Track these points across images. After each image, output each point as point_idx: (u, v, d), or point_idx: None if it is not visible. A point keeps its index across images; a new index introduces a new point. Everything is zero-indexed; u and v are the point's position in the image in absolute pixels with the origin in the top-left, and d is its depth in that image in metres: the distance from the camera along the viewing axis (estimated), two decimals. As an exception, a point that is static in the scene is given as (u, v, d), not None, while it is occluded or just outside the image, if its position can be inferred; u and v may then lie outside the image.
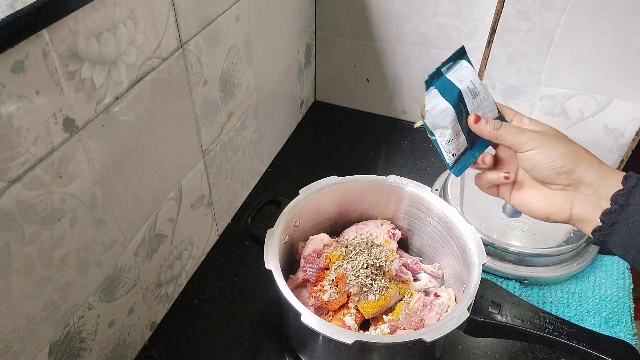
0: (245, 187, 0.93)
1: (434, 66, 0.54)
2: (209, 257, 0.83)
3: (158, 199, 0.65)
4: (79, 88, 0.47)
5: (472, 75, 0.54)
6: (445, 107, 0.53)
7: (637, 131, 0.89)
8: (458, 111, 0.53)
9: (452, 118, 0.53)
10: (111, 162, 0.54)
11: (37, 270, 0.47)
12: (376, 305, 0.65)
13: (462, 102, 0.53)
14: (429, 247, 0.76)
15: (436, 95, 0.53)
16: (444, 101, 0.53)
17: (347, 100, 1.15)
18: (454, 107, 0.53)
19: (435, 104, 0.53)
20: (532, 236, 0.80)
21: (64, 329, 0.54)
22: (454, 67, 0.55)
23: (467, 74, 0.54)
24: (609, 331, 0.72)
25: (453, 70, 0.54)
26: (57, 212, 0.48)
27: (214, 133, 0.75)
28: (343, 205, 0.76)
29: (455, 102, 0.53)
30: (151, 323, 0.72)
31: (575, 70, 0.87)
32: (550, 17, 0.84)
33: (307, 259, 0.69)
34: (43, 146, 0.45)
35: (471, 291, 0.59)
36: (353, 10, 0.99)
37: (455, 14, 0.92)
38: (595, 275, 0.80)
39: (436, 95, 0.53)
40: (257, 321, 0.75)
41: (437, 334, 0.55)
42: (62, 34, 0.43)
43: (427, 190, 0.72)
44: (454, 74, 0.54)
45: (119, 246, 0.59)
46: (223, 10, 0.68)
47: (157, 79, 0.58)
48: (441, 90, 0.53)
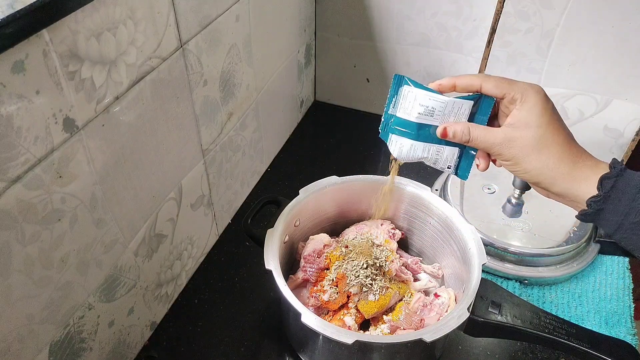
0: (245, 187, 0.93)
1: (434, 66, 0.54)
2: (209, 257, 0.83)
3: (158, 198, 0.65)
4: (79, 88, 0.47)
5: (418, 97, 0.51)
6: (409, 144, 0.53)
7: (637, 131, 0.89)
8: (425, 136, 0.53)
9: (422, 147, 0.53)
10: (111, 162, 0.54)
11: (37, 270, 0.47)
12: (376, 305, 0.65)
13: (424, 127, 0.52)
14: (429, 247, 0.76)
15: (396, 139, 0.54)
16: (406, 140, 0.53)
17: (347, 100, 1.16)
18: (417, 139, 0.53)
19: (400, 146, 0.54)
20: (532, 236, 0.80)
21: (64, 329, 0.54)
22: (399, 100, 0.53)
23: (412, 99, 0.52)
24: (609, 331, 0.72)
25: (400, 105, 0.53)
26: (57, 212, 0.48)
27: (214, 133, 0.75)
28: (343, 205, 0.76)
29: (416, 135, 0.53)
30: (151, 323, 0.72)
31: (575, 70, 0.87)
32: (550, 17, 0.84)
33: (307, 259, 0.69)
34: (43, 146, 0.45)
35: (471, 291, 0.59)
36: (353, 10, 0.99)
37: (455, 14, 0.92)
38: (595, 275, 0.80)
39: (396, 139, 0.54)
40: (257, 321, 0.75)
41: (437, 334, 0.55)
42: (62, 34, 0.43)
43: (427, 190, 0.72)
44: (402, 108, 0.52)
45: (119, 246, 0.59)
46: (223, 10, 0.68)
47: (157, 79, 0.58)
48: (398, 132, 0.53)
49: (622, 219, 0.45)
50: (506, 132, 0.49)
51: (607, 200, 0.45)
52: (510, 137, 0.49)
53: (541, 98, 0.49)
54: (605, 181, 0.46)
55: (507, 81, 0.50)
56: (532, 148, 0.48)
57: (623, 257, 0.82)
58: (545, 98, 0.49)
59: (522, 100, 0.49)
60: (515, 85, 0.49)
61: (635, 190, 0.45)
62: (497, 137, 0.50)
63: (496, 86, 0.50)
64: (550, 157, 0.48)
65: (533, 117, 0.48)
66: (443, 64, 0.99)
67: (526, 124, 0.48)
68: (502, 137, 0.49)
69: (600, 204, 0.46)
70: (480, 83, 0.51)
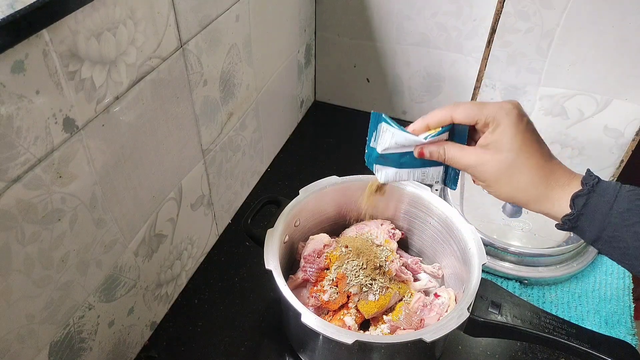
0: (245, 187, 0.93)
1: (434, 66, 0.54)
2: (209, 257, 0.83)
3: (158, 198, 0.65)
4: (79, 88, 0.47)
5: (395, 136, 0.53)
6: (394, 172, 0.56)
7: (637, 131, 0.89)
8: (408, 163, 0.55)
9: (407, 172, 0.56)
10: (111, 162, 0.54)
11: (37, 270, 0.47)
12: (376, 305, 0.65)
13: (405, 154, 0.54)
14: (429, 247, 0.76)
15: (380, 168, 0.57)
16: (390, 169, 0.56)
17: (347, 100, 1.15)
18: (401, 167, 0.55)
19: (385, 174, 0.56)
20: (532, 236, 0.80)
21: (64, 329, 0.54)
22: (379, 135, 0.55)
23: (390, 136, 0.54)
24: (609, 331, 0.72)
25: (379, 139, 0.55)
26: (57, 212, 0.48)
27: (214, 133, 0.75)
28: (343, 205, 0.76)
29: (399, 163, 0.55)
30: (151, 323, 0.72)
31: (575, 70, 0.87)
32: (550, 17, 0.84)
33: (307, 259, 0.69)
34: (43, 146, 0.45)
35: (471, 291, 0.59)
36: (353, 10, 0.99)
37: (455, 14, 0.92)
38: (595, 275, 0.80)
39: (380, 168, 0.57)
40: (257, 321, 0.75)
41: (437, 334, 0.55)
42: (62, 34, 0.43)
43: (427, 190, 0.72)
44: (382, 143, 0.55)
45: (119, 246, 0.59)
46: (223, 10, 0.68)
47: (157, 79, 0.58)
48: (381, 163, 0.56)
49: (599, 233, 0.45)
50: (478, 154, 0.49)
51: (581, 218, 0.46)
52: (482, 160, 0.49)
53: (513, 120, 0.47)
54: (577, 199, 0.46)
55: (477, 107, 0.49)
56: (502, 173, 0.48)
57: (623, 257, 0.82)
58: (517, 119, 0.48)
59: (493, 124, 0.48)
60: (486, 109, 0.49)
61: (608, 206, 0.44)
62: (470, 159, 0.50)
63: (466, 115, 0.50)
64: (522, 181, 0.48)
65: (504, 141, 0.47)
66: (443, 64, 0.99)
67: (497, 148, 0.48)
68: (474, 159, 0.49)
69: (574, 222, 0.46)
70: (451, 115, 0.51)
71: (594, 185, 0.46)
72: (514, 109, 0.48)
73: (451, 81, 1.01)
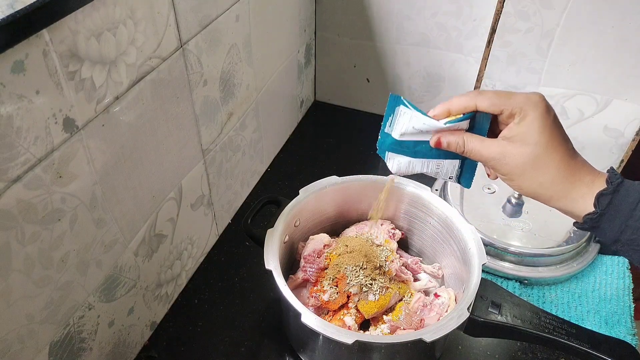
0: (245, 187, 0.93)
1: (434, 66, 0.53)
2: (209, 257, 0.83)
3: (158, 198, 0.65)
4: (79, 88, 0.47)
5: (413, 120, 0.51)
6: (407, 161, 0.53)
7: (637, 131, 0.89)
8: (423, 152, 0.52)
9: (421, 163, 0.53)
10: (111, 162, 0.54)
11: (37, 270, 0.47)
12: (376, 305, 0.65)
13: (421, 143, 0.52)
14: (429, 247, 0.76)
15: (393, 156, 0.54)
16: (403, 157, 0.53)
17: (347, 100, 1.15)
18: (415, 156, 0.53)
19: (397, 163, 0.54)
20: (532, 236, 0.80)
21: (64, 329, 0.54)
22: (395, 119, 0.53)
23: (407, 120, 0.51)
24: (609, 331, 0.72)
25: (395, 124, 0.52)
26: (57, 212, 0.48)
27: (214, 133, 0.75)
28: (343, 205, 0.76)
29: (413, 152, 0.52)
30: (151, 323, 0.72)
31: (575, 70, 0.87)
32: (550, 17, 0.84)
33: (307, 259, 0.69)
34: (43, 146, 0.45)
35: (471, 291, 0.59)
36: (353, 10, 0.99)
37: (455, 14, 0.92)
38: (595, 275, 0.80)
39: (393, 156, 0.54)
40: (257, 321, 0.75)
41: (437, 334, 0.55)
42: (62, 34, 0.43)
43: (427, 190, 0.72)
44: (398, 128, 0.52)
45: (119, 246, 0.59)
46: (223, 10, 0.68)
47: (157, 79, 0.58)
48: (395, 150, 0.53)
49: (618, 234, 0.45)
50: (502, 145, 0.47)
51: (603, 217, 0.45)
52: (506, 152, 0.47)
53: (541, 112, 0.46)
54: (602, 198, 0.45)
55: (503, 96, 0.47)
56: (527, 166, 0.46)
57: (623, 257, 0.82)
58: (545, 112, 0.46)
59: (520, 114, 0.46)
60: (513, 99, 0.47)
61: (631, 207, 0.44)
62: (493, 150, 0.48)
63: (492, 104, 0.47)
64: (546, 176, 0.46)
65: (531, 133, 0.46)
66: (443, 64, 0.99)
67: (523, 141, 0.46)
68: (498, 151, 0.47)
69: (596, 221, 0.45)
70: (475, 103, 0.48)
71: (618, 184, 0.44)
72: (541, 101, 0.46)
73: (451, 81, 1.01)
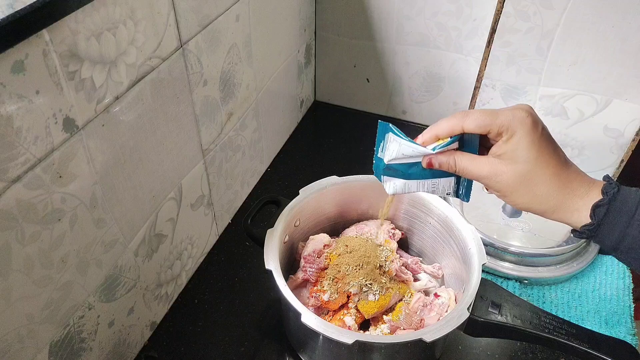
0: (245, 187, 0.93)
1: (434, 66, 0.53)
2: (209, 257, 0.83)
3: (158, 198, 0.65)
4: (79, 88, 0.47)
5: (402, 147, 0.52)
6: (402, 183, 0.54)
7: (637, 131, 0.89)
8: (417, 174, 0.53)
9: (416, 184, 0.54)
10: (111, 162, 0.54)
11: (37, 270, 0.47)
12: (376, 305, 0.65)
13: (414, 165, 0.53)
14: (429, 247, 0.76)
15: (388, 179, 0.55)
16: (398, 180, 0.54)
17: (347, 100, 1.15)
18: (409, 178, 0.53)
19: (393, 186, 0.55)
20: (532, 236, 0.80)
21: (64, 329, 0.54)
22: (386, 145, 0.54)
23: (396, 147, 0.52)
24: (609, 331, 0.72)
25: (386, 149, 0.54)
26: (57, 212, 0.48)
27: (214, 133, 0.75)
28: (343, 205, 0.76)
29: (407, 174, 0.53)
30: (151, 323, 0.72)
31: (575, 70, 0.87)
32: (550, 17, 0.84)
33: (307, 259, 0.69)
34: (43, 146, 0.45)
35: (471, 291, 0.59)
36: (353, 10, 0.99)
37: (455, 14, 0.92)
38: (595, 275, 0.80)
39: (388, 179, 0.55)
40: (257, 321, 0.75)
41: (437, 334, 0.55)
42: (62, 34, 0.43)
43: (427, 190, 0.72)
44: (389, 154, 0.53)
45: (119, 246, 0.59)
46: (223, 10, 0.68)
47: (157, 79, 0.58)
48: (389, 174, 0.54)
49: (617, 243, 0.45)
50: (492, 164, 0.47)
51: (600, 228, 0.45)
52: (496, 170, 0.47)
53: (527, 129, 0.45)
54: (598, 209, 0.45)
55: (488, 115, 0.47)
56: (519, 183, 0.46)
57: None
58: (532, 127, 0.46)
59: (507, 133, 0.46)
60: (498, 118, 0.46)
61: (629, 215, 0.44)
62: (483, 169, 0.48)
63: (477, 125, 0.47)
64: (539, 191, 0.46)
65: (519, 151, 0.46)
66: (443, 64, 0.99)
67: (512, 158, 0.46)
68: (488, 169, 0.47)
69: (594, 231, 0.45)
70: (462, 126, 0.48)
71: (614, 194, 0.44)
72: (527, 116, 0.46)
73: (451, 81, 1.01)
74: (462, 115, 0.48)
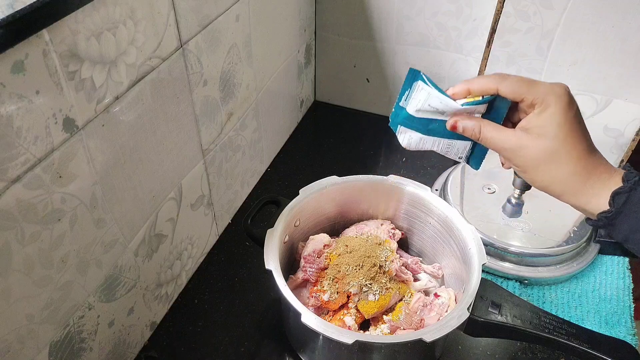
0: (245, 187, 0.93)
1: (434, 66, 0.53)
2: (209, 257, 0.83)
3: (158, 198, 0.65)
4: (79, 88, 0.47)
5: (430, 98, 0.49)
6: (418, 137, 0.52)
7: (637, 131, 0.89)
8: (436, 131, 0.51)
9: (432, 141, 0.52)
10: (111, 162, 0.54)
11: (37, 270, 0.47)
12: (376, 305, 0.65)
13: (434, 121, 0.51)
14: (429, 247, 0.76)
15: (405, 130, 0.53)
16: (415, 133, 0.52)
17: (347, 100, 1.15)
18: (427, 134, 0.52)
19: (408, 138, 0.53)
20: (532, 236, 0.80)
21: (64, 329, 0.54)
22: (412, 94, 0.51)
23: (424, 97, 0.50)
24: (609, 331, 0.72)
25: (411, 99, 0.51)
26: (57, 212, 0.48)
27: (214, 133, 0.75)
28: (343, 205, 0.76)
29: (426, 129, 0.51)
30: (151, 323, 0.72)
31: (575, 70, 0.87)
32: (550, 17, 0.84)
33: (307, 259, 0.69)
34: (43, 146, 0.45)
35: (471, 291, 0.59)
36: (353, 10, 0.99)
37: (455, 14, 0.92)
38: (595, 275, 0.80)
39: (405, 130, 0.53)
40: (257, 321, 0.75)
41: (437, 334, 0.55)
42: (62, 34, 0.43)
43: (427, 190, 0.72)
44: (413, 103, 0.51)
45: (119, 246, 0.59)
46: (223, 10, 0.68)
47: (157, 79, 0.58)
48: (407, 125, 0.52)
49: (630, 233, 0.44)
50: (519, 136, 0.46)
51: (619, 216, 0.44)
52: (522, 144, 0.46)
53: (563, 105, 0.44)
54: (618, 197, 0.44)
55: (526, 83, 0.46)
56: (543, 160, 0.45)
57: (623, 257, 0.82)
58: (568, 104, 0.45)
59: (541, 105, 0.45)
60: (536, 88, 0.45)
61: None
62: (508, 141, 0.46)
63: (513, 90, 0.46)
64: (562, 171, 0.45)
65: (551, 126, 0.44)
66: (443, 64, 0.99)
67: (541, 133, 0.45)
68: (514, 141, 0.46)
69: (611, 219, 0.44)
70: (497, 86, 0.47)
71: (635, 182, 0.43)
72: (565, 93, 0.45)
73: (451, 81, 1.01)
74: (500, 77, 0.47)
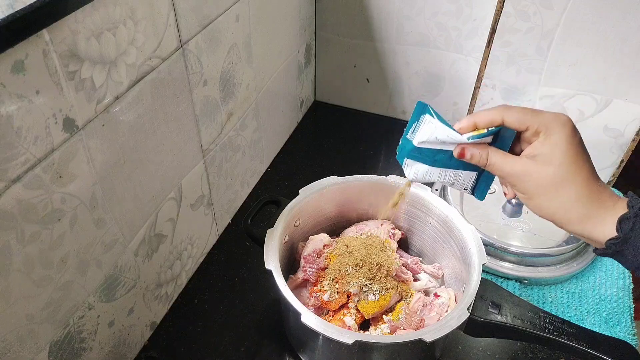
0: (245, 187, 0.93)
1: (434, 66, 0.53)
2: (209, 257, 0.83)
3: (158, 198, 0.65)
4: (79, 88, 0.47)
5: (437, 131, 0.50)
6: (425, 169, 0.53)
7: (637, 131, 0.89)
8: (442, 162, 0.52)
9: (438, 172, 0.53)
10: (111, 162, 0.54)
11: (37, 270, 0.47)
12: (376, 305, 0.65)
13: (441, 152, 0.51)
14: (429, 247, 0.76)
15: (411, 163, 0.53)
16: (422, 165, 0.53)
17: (347, 100, 1.15)
18: (434, 165, 0.52)
19: (415, 170, 0.53)
20: (532, 236, 0.80)
21: (64, 329, 0.54)
22: (419, 127, 0.52)
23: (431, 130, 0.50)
24: (609, 331, 0.72)
25: (418, 131, 0.52)
26: (57, 212, 0.48)
27: (214, 133, 0.75)
28: (343, 205, 0.76)
29: (432, 161, 0.52)
30: (151, 323, 0.72)
31: (575, 70, 0.87)
32: (550, 17, 0.84)
33: (307, 259, 0.69)
34: (43, 146, 0.45)
35: (471, 291, 0.59)
36: (353, 10, 0.99)
37: (455, 14, 0.92)
38: (595, 275, 0.80)
39: (411, 163, 0.53)
40: (257, 321, 0.75)
41: (437, 334, 0.55)
42: (62, 34, 0.43)
43: (427, 190, 0.72)
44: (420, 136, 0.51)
45: (119, 246, 0.59)
46: (223, 10, 0.68)
47: (157, 79, 0.58)
48: (414, 157, 0.53)
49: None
50: (525, 163, 0.47)
51: (627, 242, 0.44)
52: (528, 170, 0.46)
53: (567, 133, 0.45)
54: (624, 222, 0.43)
55: (530, 113, 0.47)
56: (549, 187, 0.46)
57: (623, 257, 0.82)
58: (572, 132, 0.45)
59: (546, 133, 0.45)
60: (540, 117, 0.46)
61: None
62: (515, 167, 0.47)
63: (518, 120, 0.47)
64: (567, 198, 0.45)
65: (556, 154, 0.45)
66: (443, 64, 0.99)
67: (546, 160, 0.45)
68: (520, 168, 0.47)
69: (619, 246, 0.44)
70: (502, 117, 0.48)
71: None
72: (569, 121, 0.46)
73: (451, 81, 1.01)
74: (504, 108, 0.48)
